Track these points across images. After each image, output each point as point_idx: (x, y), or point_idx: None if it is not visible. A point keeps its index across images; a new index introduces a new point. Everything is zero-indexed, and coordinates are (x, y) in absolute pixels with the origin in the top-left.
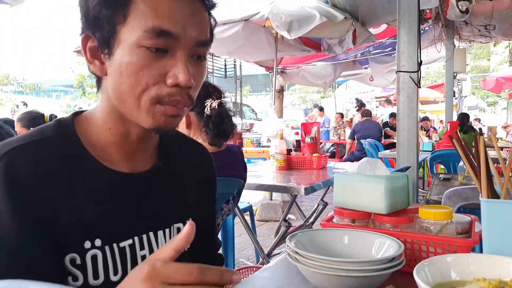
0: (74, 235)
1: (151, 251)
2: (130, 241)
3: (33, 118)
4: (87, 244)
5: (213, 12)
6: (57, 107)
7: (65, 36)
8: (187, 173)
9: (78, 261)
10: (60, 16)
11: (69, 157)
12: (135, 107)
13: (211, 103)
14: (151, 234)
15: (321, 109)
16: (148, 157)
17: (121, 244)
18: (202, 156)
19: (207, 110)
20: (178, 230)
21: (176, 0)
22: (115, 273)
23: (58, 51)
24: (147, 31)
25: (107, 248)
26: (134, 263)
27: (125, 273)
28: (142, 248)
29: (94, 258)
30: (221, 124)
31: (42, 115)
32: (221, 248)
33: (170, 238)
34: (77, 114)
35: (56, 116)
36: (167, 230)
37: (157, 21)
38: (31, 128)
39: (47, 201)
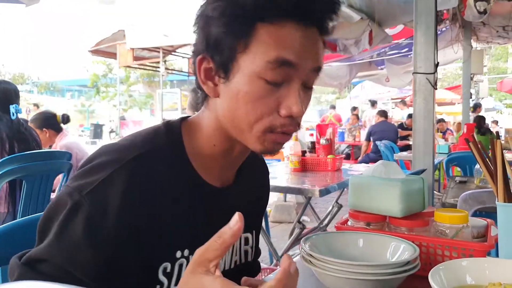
0: (170, 245)
1: (223, 259)
2: None
3: (46, 119)
4: (178, 254)
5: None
6: (72, 107)
7: (80, 35)
8: (254, 187)
9: (168, 269)
10: (75, 16)
11: (175, 169)
12: (247, 132)
13: None
14: None
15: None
16: (233, 172)
17: None
18: (264, 171)
19: None
20: (246, 239)
21: (297, 30)
22: None
23: (73, 50)
24: (271, 61)
25: (191, 257)
26: None
27: None
28: None
29: (180, 266)
30: None
31: (55, 115)
32: None
33: (239, 246)
34: (184, 119)
35: (68, 116)
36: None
37: (281, 51)
38: (44, 129)
39: (154, 212)
